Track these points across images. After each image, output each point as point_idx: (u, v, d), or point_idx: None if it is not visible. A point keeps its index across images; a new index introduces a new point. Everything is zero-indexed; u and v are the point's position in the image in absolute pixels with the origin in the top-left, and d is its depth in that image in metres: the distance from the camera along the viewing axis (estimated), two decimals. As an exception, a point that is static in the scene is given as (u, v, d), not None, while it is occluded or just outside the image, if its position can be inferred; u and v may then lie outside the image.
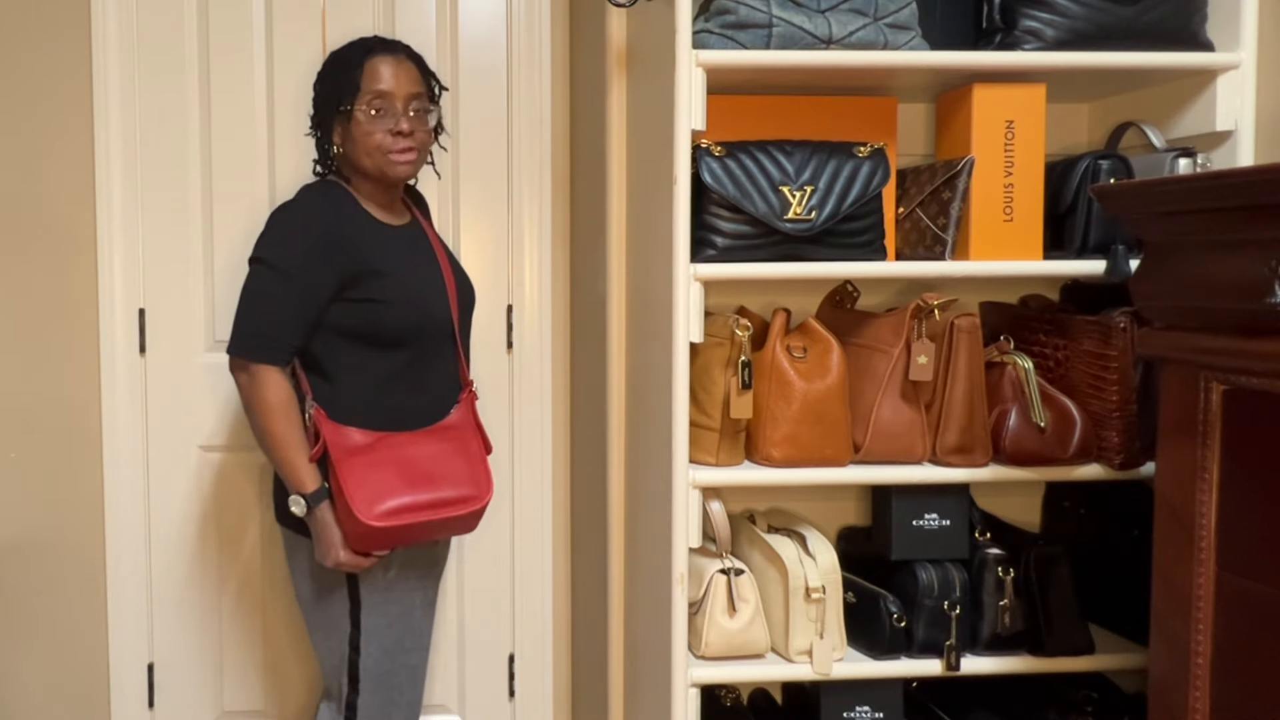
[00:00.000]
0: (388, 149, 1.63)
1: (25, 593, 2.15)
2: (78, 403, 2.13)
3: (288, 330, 1.61)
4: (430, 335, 1.69)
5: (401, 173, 1.66)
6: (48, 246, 2.11)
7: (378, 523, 1.56)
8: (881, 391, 1.61)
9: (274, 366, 1.61)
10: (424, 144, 1.69)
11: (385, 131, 1.63)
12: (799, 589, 1.60)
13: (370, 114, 1.63)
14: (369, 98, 1.64)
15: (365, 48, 1.68)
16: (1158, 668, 1.25)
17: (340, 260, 1.61)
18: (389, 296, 1.63)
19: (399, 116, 1.64)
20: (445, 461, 1.65)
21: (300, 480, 1.60)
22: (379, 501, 1.57)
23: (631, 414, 1.85)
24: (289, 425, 1.61)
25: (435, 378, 1.72)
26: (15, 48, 2.08)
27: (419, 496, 1.60)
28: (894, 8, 1.57)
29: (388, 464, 1.61)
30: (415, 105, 1.66)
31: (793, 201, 1.55)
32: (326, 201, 1.66)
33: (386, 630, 1.70)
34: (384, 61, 1.66)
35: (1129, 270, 1.53)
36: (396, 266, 1.66)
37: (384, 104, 1.64)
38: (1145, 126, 1.69)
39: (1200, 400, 1.18)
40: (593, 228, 1.99)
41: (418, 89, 1.68)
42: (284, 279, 1.60)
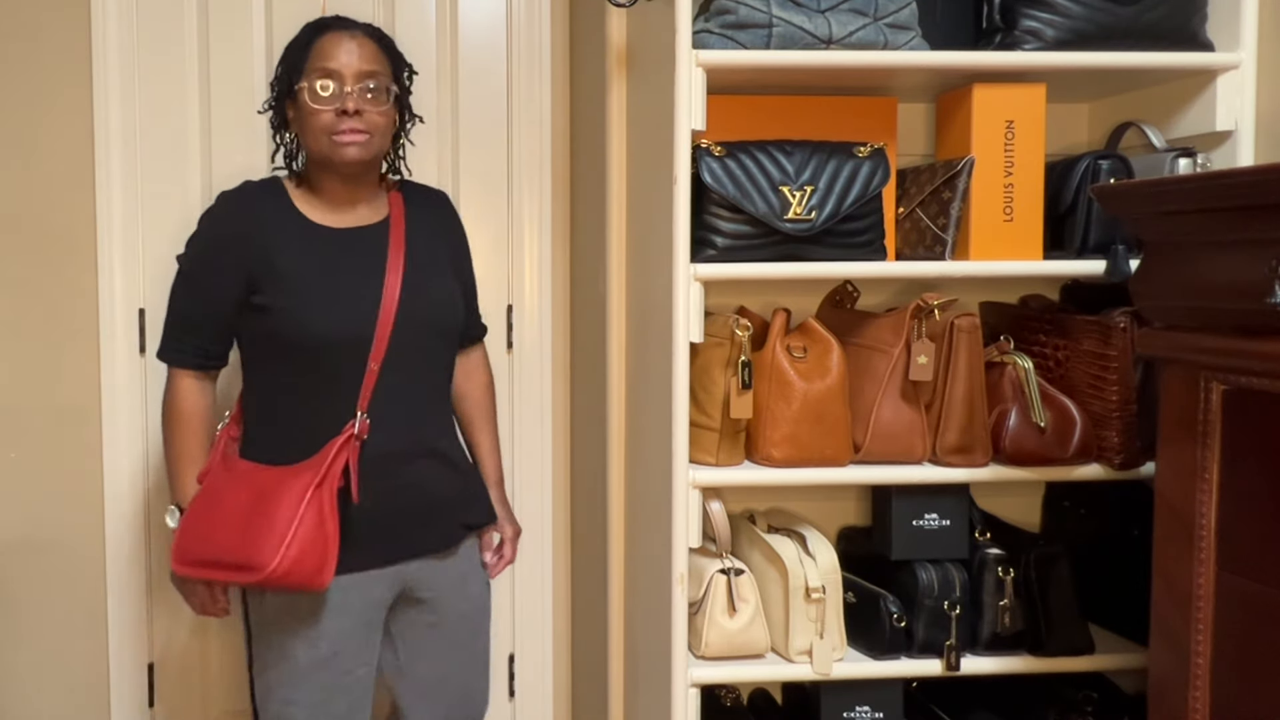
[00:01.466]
0: (332, 129, 1.52)
1: (25, 592, 2.15)
2: (78, 403, 2.13)
3: (191, 333, 1.57)
4: (332, 354, 1.53)
5: (348, 155, 1.52)
6: (48, 246, 2.11)
7: (177, 570, 1.52)
8: (881, 391, 1.61)
9: (185, 370, 1.58)
10: (376, 127, 1.55)
11: (330, 111, 1.52)
12: (799, 589, 1.60)
13: (316, 93, 1.52)
14: (316, 75, 1.53)
15: (318, 25, 1.59)
16: (1158, 668, 1.25)
17: (237, 260, 1.54)
18: (283, 303, 1.52)
19: (345, 95, 1.52)
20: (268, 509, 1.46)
21: (179, 492, 1.58)
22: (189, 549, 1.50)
23: (631, 414, 1.85)
24: (185, 435, 1.58)
25: (325, 405, 1.53)
26: (15, 47, 2.08)
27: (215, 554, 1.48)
28: (894, 8, 1.57)
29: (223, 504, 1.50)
30: (370, 84, 1.54)
31: (793, 201, 1.55)
32: (236, 198, 1.60)
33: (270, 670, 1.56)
34: (334, 38, 1.55)
35: (1129, 270, 1.53)
36: (303, 270, 1.53)
37: (331, 82, 1.52)
38: (1145, 126, 1.69)
39: (1200, 400, 1.18)
40: (593, 228, 1.99)
41: (372, 68, 1.55)
42: (185, 280, 1.59)
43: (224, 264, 1.55)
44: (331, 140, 1.53)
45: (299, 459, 1.51)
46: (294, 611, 1.55)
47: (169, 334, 1.60)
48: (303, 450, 1.52)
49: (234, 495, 1.51)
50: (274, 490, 1.48)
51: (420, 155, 2.13)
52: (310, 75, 1.54)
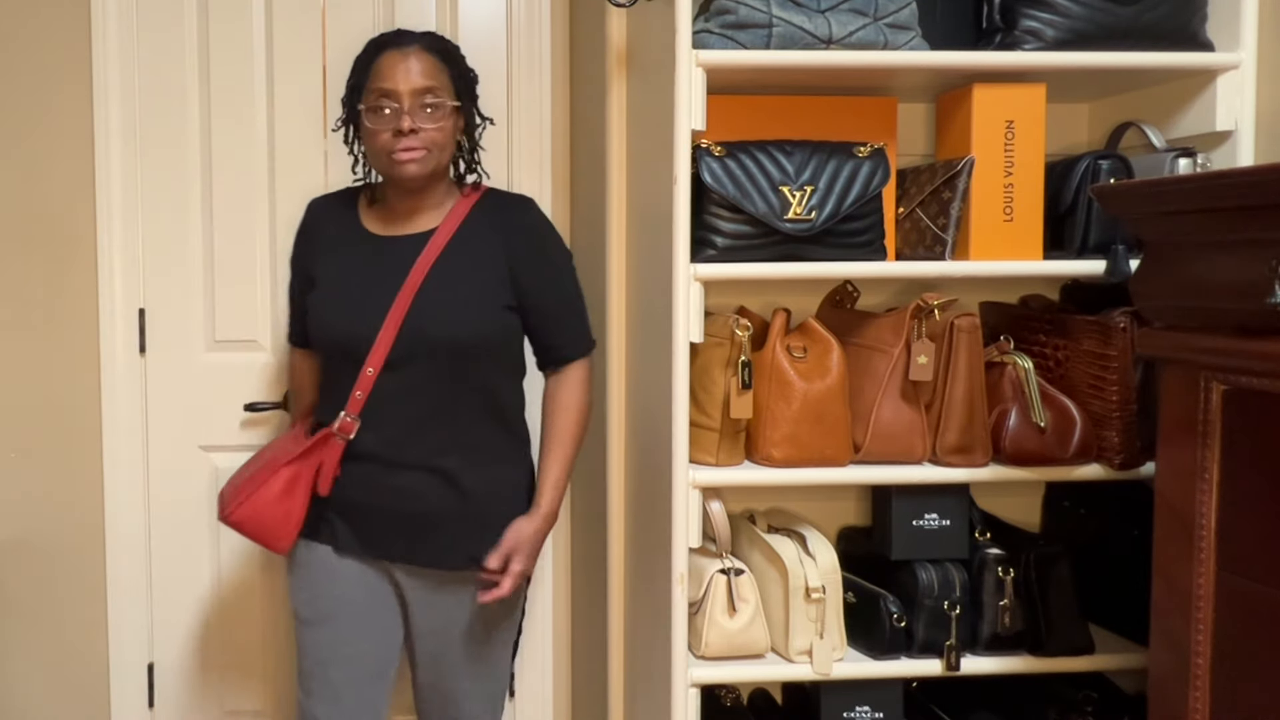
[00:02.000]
0: (390, 149, 1.57)
1: (25, 593, 2.15)
2: (78, 403, 2.13)
3: (294, 317, 1.78)
4: (335, 353, 1.64)
5: (407, 172, 1.57)
6: (48, 246, 2.11)
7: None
8: (881, 391, 1.61)
9: (295, 348, 1.82)
10: (435, 143, 1.58)
11: (389, 131, 1.57)
12: (799, 589, 1.60)
13: (375, 114, 1.58)
14: (374, 97, 1.58)
15: (377, 45, 1.63)
16: (1158, 668, 1.25)
17: (299, 261, 1.74)
18: (313, 305, 1.66)
19: (402, 115, 1.56)
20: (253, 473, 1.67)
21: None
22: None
23: (631, 414, 1.85)
24: (294, 401, 1.88)
25: (334, 400, 1.63)
26: (15, 47, 2.08)
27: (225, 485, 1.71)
28: (894, 8, 1.57)
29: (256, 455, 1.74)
30: (427, 101, 1.57)
31: (793, 201, 1.55)
32: (311, 205, 1.76)
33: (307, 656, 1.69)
34: (390, 57, 1.59)
35: (1129, 270, 1.53)
36: (334, 276, 1.65)
37: (387, 103, 1.57)
38: (1145, 126, 1.69)
39: (1200, 400, 1.18)
40: (593, 228, 1.99)
41: (429, 83, 1.58)
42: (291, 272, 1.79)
43: (296, 263, 1.75)
44: (390, 159, 1.58)
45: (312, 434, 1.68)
46: (298, 568, 1.70)
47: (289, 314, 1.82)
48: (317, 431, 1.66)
49: (262, 453, 1.73)
50: (270, 458, 1.67)
51: (420, 155, 2.14)
52: (369, 96, 1.59)
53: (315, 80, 2.13)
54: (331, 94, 2.13)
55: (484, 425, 1.65)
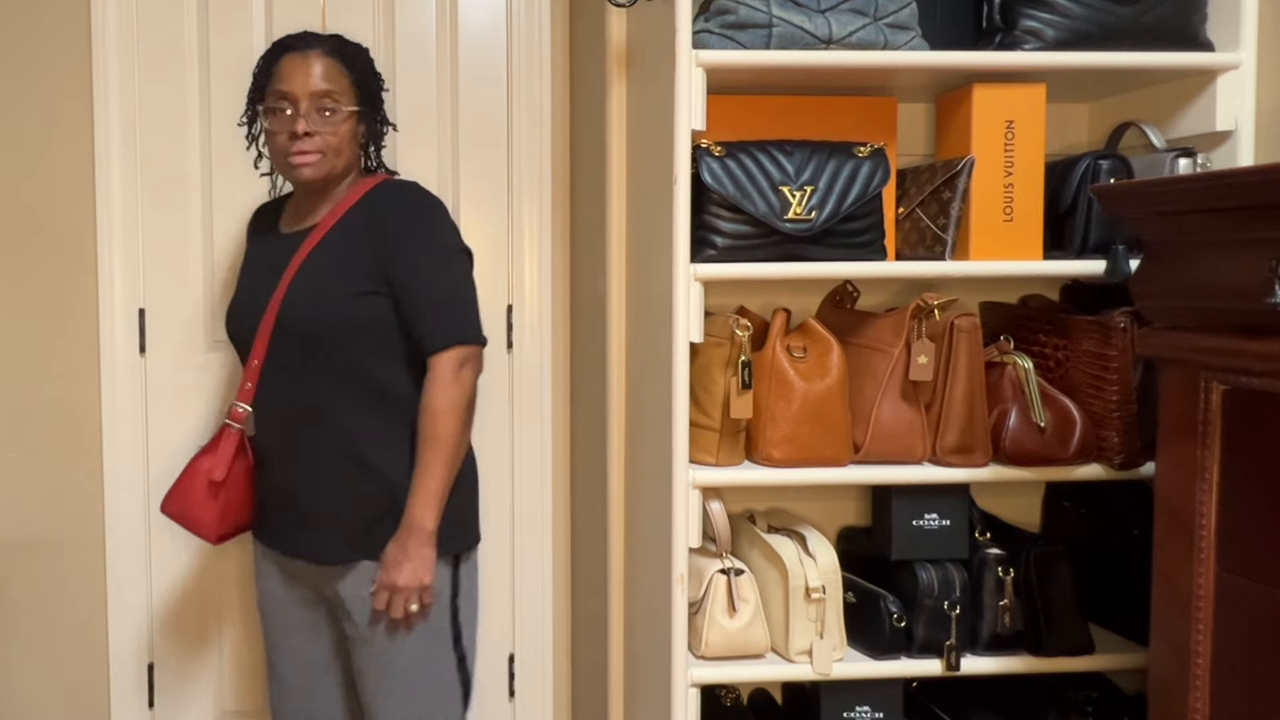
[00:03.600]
0: (286, 151, 1.60)
1: (25, 592, 2.15)
2: (78, 403, 2.13)
3: None
4: (238, 348, 1.72)
5: (302, 175, 1.60)
6: (48, 246, 2.11)
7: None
8: (881, 391, 1.61)
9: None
10: (329, 146, 1.60)
11: (285, 134, 1.60)
12: (799, 589, 1.60)
13: (273, 115, 1.61)
14: (273, 98, 1.61)
15: (280, 46, 1.65)
16: (1158, 668, 1.25)
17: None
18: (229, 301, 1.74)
19: (297, 117, 1.58)
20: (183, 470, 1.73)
21: None
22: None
23: (631, 414, 1.85)
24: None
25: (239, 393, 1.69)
26: (15, 48, 2.08)
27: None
28: (894, 8, 1.57)
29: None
30: (324, 104, 1.60)
31: (793, 201, 1.55)
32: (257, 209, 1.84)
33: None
34: (290, 60, 1.61)
35: (1129, 270, 1.53)
36: (243, 273, 1.75)
37: (285, 105, 1.60)
38: (1145, 126, 1.69)
39: (1200, 400, 1.18)
40: (593, 228, 1.99)
41: (326, 87, 1.60)
42: None
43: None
44: (286, 161, 1.62)
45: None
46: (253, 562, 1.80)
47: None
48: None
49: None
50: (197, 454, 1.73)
51: (420, 155, 2.14)
52: (269, 97, 1.63)
53: (315, 80, 2.13)
54: (331, 94, 2.13)
55: (357, 415, 1.62)
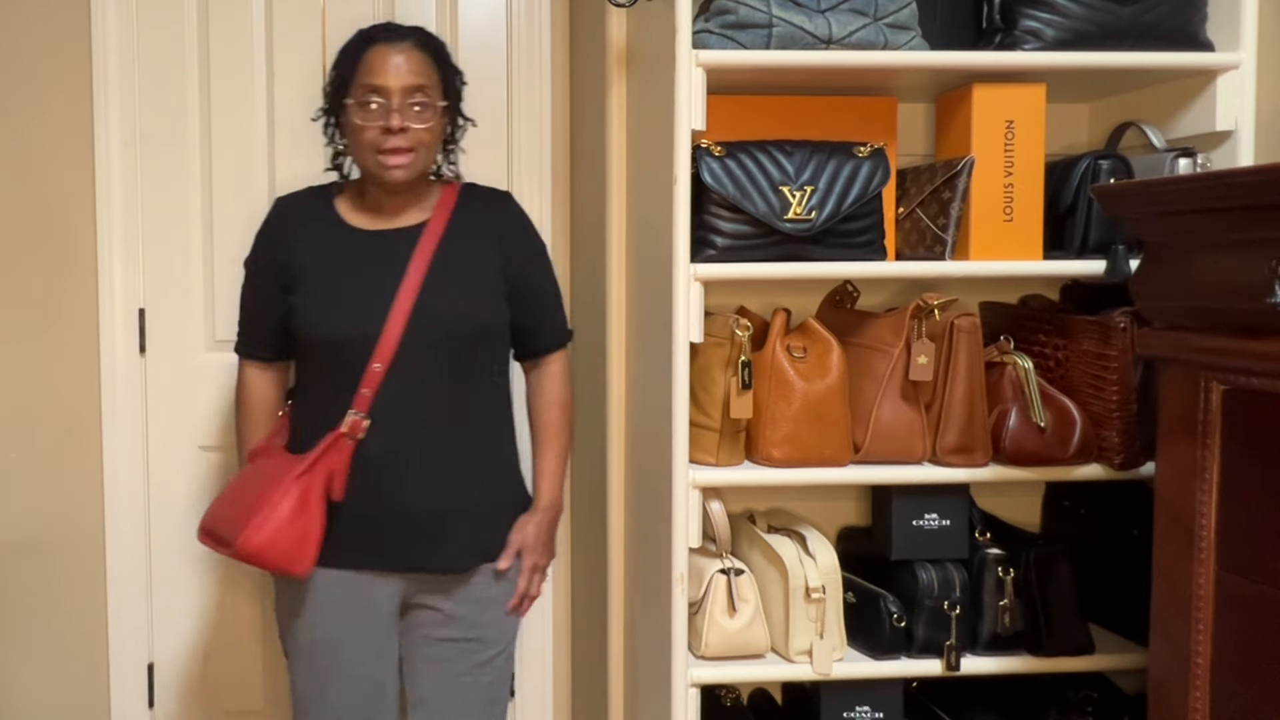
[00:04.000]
0: (378, 146, 1.53)
1: (25, 593, 2.15)
2: (78, 403, 2.13)
3: (252, 326, 1.69)
4: (336, 351, 1.56)
5: (393, 175, 1.55)
6: (48, 246, 2.11)
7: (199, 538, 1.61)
8: (881, 391, 1.61)
9: (250, 362, 1.69)
10: (421, 142, 1.55)
11: (376, 128, 1.52)
12: (799, 589, 1.60)
13: (363, 109, 1.53)
14: (362, 91, 1.53)
15: (366, 37, 1.58)
16: (1158, 668, 1.25)
17: (275, 260, 1.62)
18: (304, 301, 1.58)
19: (391, 111, 1.52)
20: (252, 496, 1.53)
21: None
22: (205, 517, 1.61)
23: (631, 414, 1.85)
24: (245, 421, 1.70)
25: (338, 401, 1.55)
26: (15, 48, 2.08)
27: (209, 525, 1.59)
28: (894, 8, 1.57)
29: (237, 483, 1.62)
30: (416, 99, 1.54)
31: (793, 201, 1.55)
32: (282, 201, 1.69)
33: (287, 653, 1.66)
34: (381, 51, 1.54)
35: (1129, 270, 1.53)
36: (323, 269, 1.58)
37: (377, 98, 1.53)
38: (1145, 126, 1.69)
39: (1200, 400, 1.18)
40: (593, 228, 1.99)
41: (419, 81, 1.54)
42: (245, 278, 1.69)
43: (266, 264, 1.65)
44: (377, 159, 1.54)
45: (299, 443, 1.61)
46: (298, 595, 1.60)
47: (238, 326, 1.71)
48: (312, 443, 1.55)
49: (246, 476, 1.61)
50: (270, 476, 1.54)
51: (420, 155, 2.14)
52: (357, 91, 1.54)
53: (315, 80, 2.12)
54: (331, 94, 2.13)
55: (489, 415, 1.65)
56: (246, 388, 1.70)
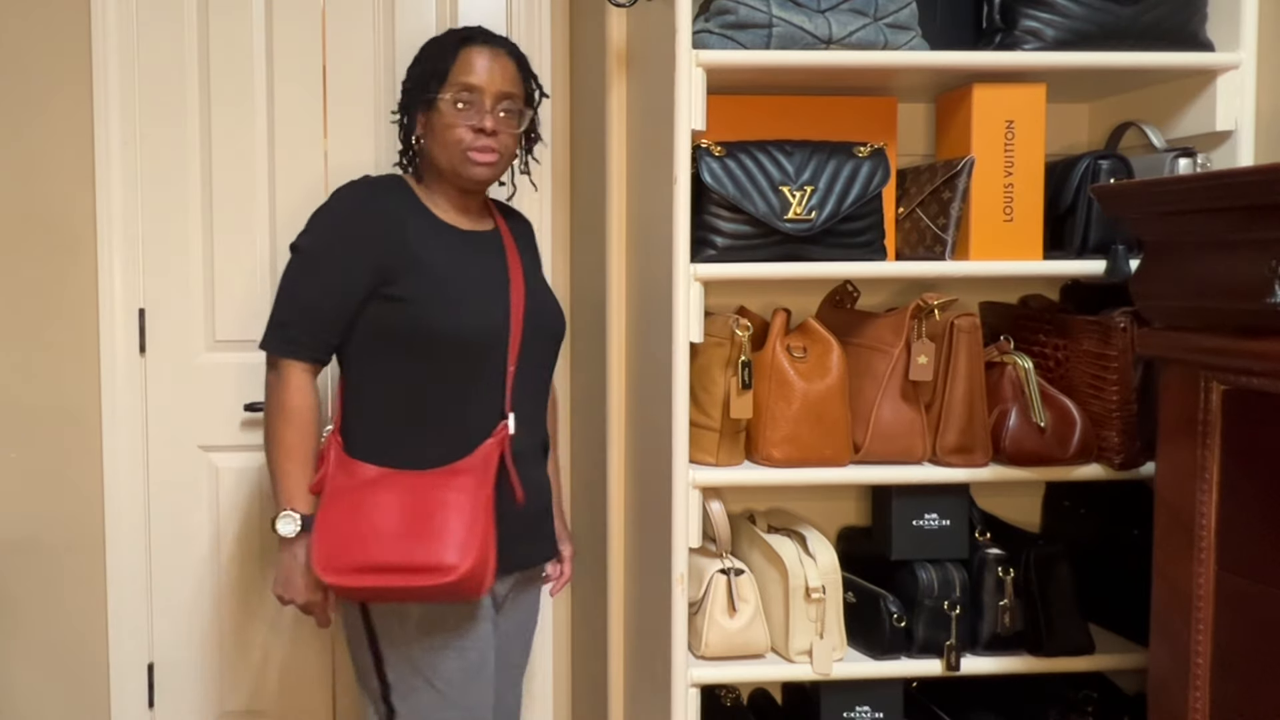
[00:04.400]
0: (467, 146, 1.52)
1: (25, 593, 2.15)
2: (78, 403, 2.13)
3: (316, 324, 1.50)
4: (473, 352, 1.51)
5: (478, 175, 1.54)
6: (48, 246, 2.11)
7: (329, 579, 1.42)
8: (881, 391, 1.61)
9: (300, 364, 1.49)
10: (507, 149, 1.56)
11: (467, 127, 1.52)
12: (799, 589, 1.60)
13: (455, 106, 1.52)
14: (456, 89, 1.52)
15: (463, 36, 1.57)
16: (1158, 668, 1.25)
17: (371, 249, 1.48)
18: (424, 293, 1.48)
19: (484, 113, 1.52)
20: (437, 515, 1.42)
21: (292, 496, 1.47)
22: (342, 555, 1.41)
23: (631, 414, 1.85)
24: (301, 434, 1.49)
25: (470, 404, 1.51)
26: (15, 48, 2.08)
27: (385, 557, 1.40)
28: (894, 8, 1.57)
29: (372, 510, 1.43)
30: (505, 105, 1.55)
31: (793, 201, 1.55)
32: (366, 189, 1.56)
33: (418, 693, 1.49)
34: (479, 53, 1.54)
35: (1129, 270, 1.53)
36: (442, 262, 1.51)
37: (471, 98, 1.52)
38: (1145, 126, 1.69)
39: (1200, 400, 1.18)
40: (593, 228, 1.99)
41: (511, 89, 1.56)
42: (311, 270, 1.50)
43: (357, 253, 1.49)
44: (466, 156, 1.53)
45: (440, 458, 1.48)
46: (442, 624, 1.49)
47: (284, 325, 1.50)
48: (444, 450, 1.48)
49: (383, 499, 1.44)
50: (435, 493, 1.44)
51: (420, 155, 2.14)
52: (450, 87, 1.53)
53: (315, 80, 2.13)
54: (332, 94, 2.13)
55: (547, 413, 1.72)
56: (296, 392, 1.49)
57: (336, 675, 2.22)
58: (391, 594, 1.44)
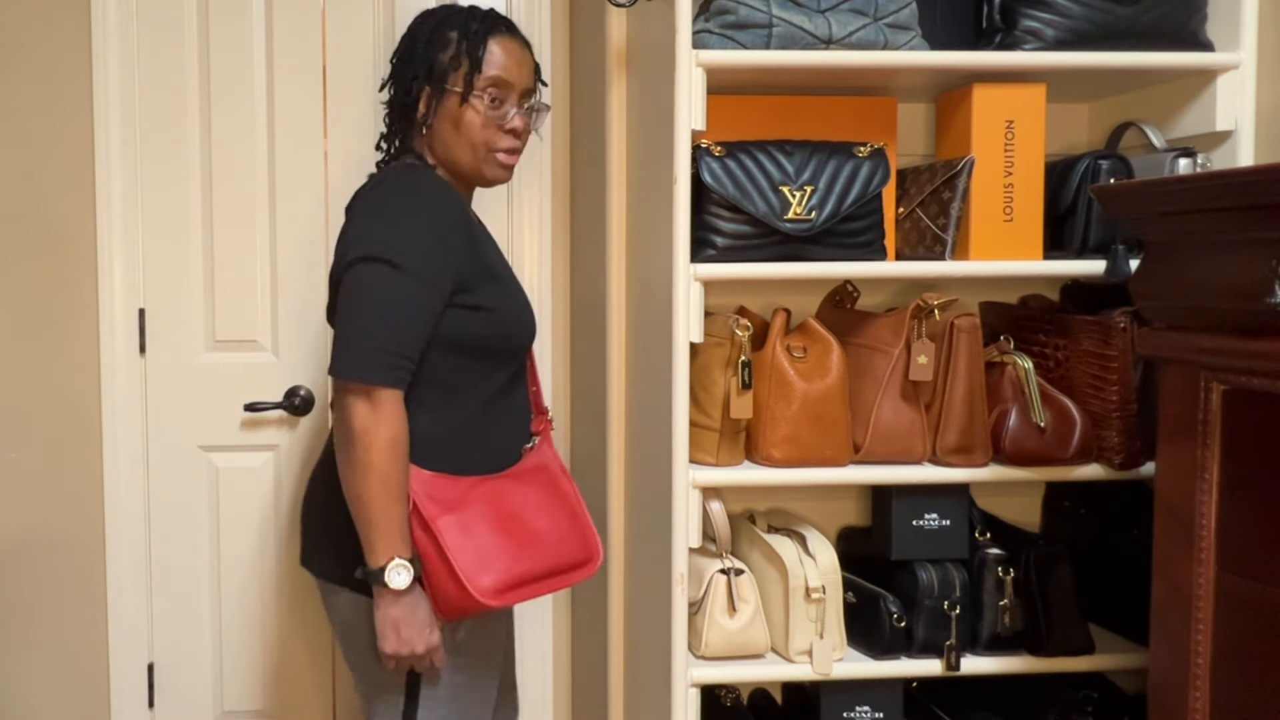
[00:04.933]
0: (494, 146, 1.43)
1: (25, 593, 2.15)
2: (78, 403, 2.13)
3: (412, 345, 1.33)
4: (521, 353, 1.50)
5: (501, 177, 1.46)
6: (48, 246, 2.11)
7: (490, 600, 1.31)
8: (881, 391, 1.61)
9: (398, 392, 1.32)
10: (525, 146, 1.49)
11: (497, 127, 1.42)
12: (799, 589, 1.60)
13: (490, 103, 1.41)
14: (484, 82, 1.41)
15: (490, 20, 1.44)
16: (1158, 668, 1.25)
17: (457, 259, 1.36)
18: (500, 303, 1.41)
19: (515, 112, 1.43)
20: (547, 515, 1.40)
21: (396, 540, 1.30)
22: (488, 571, 1.32)
23: (631, 414, 1.85)
24: (405, 470, 1.32)
25: (520, 405, 1.50)
26: (15, 48, 2.08)
27: (533, 564, 1.35)
28: (894, 8, 1.57)
29: (485, 520, 1.35)
30: (530, 103, 1.47)
31: (793, 201, 1.55)
32: (443, 188, 1.40)
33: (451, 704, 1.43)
34: (506, 45, 1.43)
35: (1129, 270, 1.53)
36: (498, 265, 1.45)
37: (502, 94, 1.42)
38: (1145, 126, 1.69)
39: (1200, 400, 1.18)
40: (593, 228, 1.99)
41: (533, 84, 1.48)
42: (411, 282, 1.32)
43: (446, 266, 1.35)
44: (493, 158, 1.44)
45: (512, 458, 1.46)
46: (486, 630, 1.46)
47: (378, 349, 1.31)
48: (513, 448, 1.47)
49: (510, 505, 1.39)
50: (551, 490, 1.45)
51: (420, 155, 2.14)
52: (478, 80, 1.41)
53: (315, 80, 2.13)
54: (331, 94, 2.13)
55: None
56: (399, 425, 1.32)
57: (336, 675, 2.22)
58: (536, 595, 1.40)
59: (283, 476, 2.17)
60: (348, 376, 1.30)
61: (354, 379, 1.30)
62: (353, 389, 1.30)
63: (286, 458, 2.17)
